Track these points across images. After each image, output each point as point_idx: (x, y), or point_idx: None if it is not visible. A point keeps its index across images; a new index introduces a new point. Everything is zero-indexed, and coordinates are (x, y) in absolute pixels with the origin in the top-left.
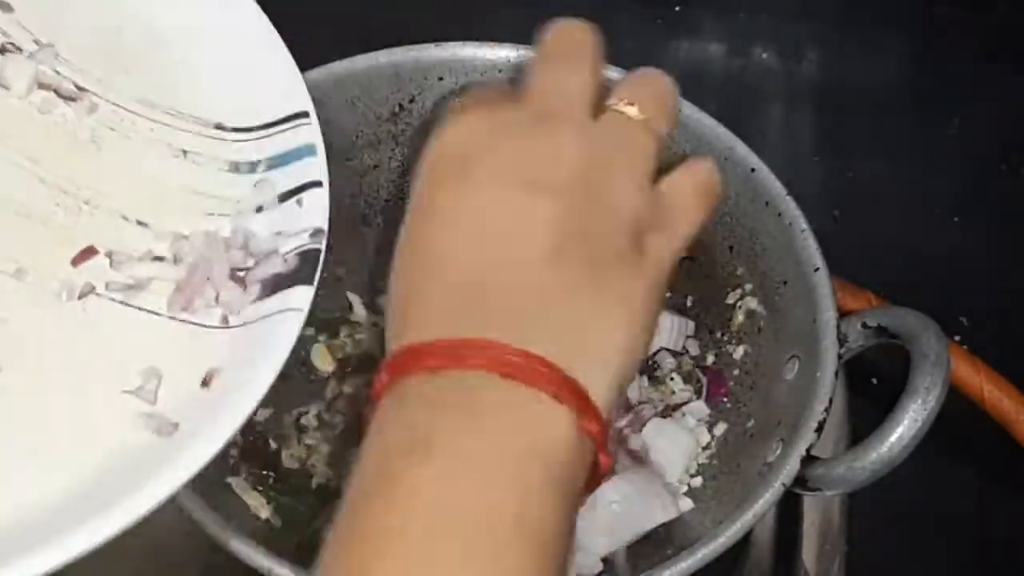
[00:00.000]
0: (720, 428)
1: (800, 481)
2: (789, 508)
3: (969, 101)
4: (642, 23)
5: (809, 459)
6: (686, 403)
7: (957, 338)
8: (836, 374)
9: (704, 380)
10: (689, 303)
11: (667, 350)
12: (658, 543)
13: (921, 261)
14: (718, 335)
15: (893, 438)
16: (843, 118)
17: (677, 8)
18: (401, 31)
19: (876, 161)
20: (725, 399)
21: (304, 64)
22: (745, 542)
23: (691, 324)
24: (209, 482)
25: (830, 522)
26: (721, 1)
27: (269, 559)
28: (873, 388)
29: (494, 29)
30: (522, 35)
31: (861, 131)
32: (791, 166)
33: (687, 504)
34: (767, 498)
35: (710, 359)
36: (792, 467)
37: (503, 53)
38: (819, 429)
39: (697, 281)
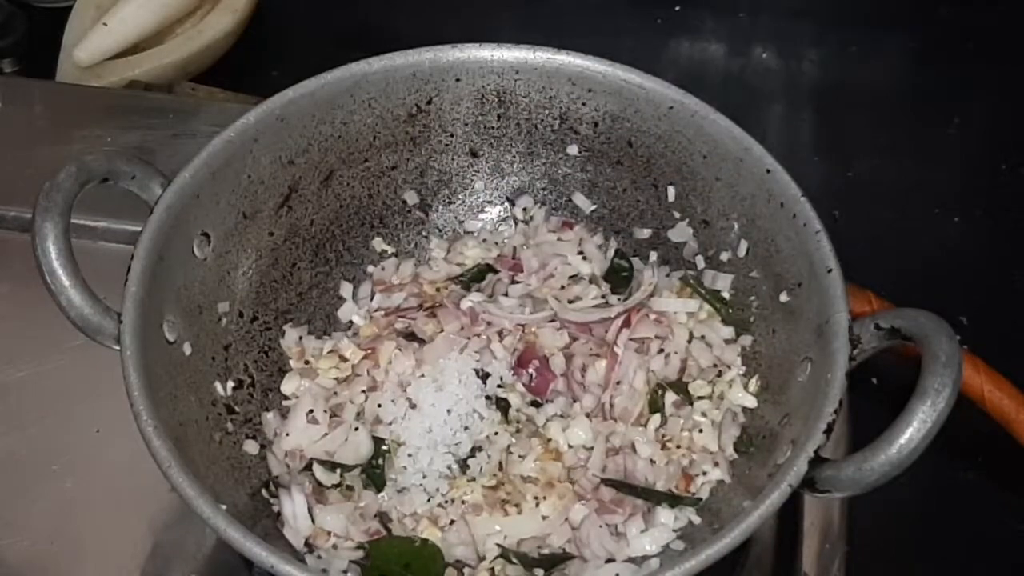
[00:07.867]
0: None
1: (809, 483)
2: (789, 508)
3: (969, 101)
4: (642, 23)
5: (818, 461)
6: None
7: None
8: (847, 376)
9: None
10: None
11: None
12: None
13: (921, 261)
14: None
15: (903, 440)
16: (843, 118)
17: (677, 8)
18: (400, 31)
19: (876, 161)
20: None
21: (312, 68)
22: (746, 542)
23: None
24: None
25: (830, 522)
26: (721, 1)
27: (272, 556)
28: (873, 388)
29: (493, 30)
30: (521, 36)
31: (861, 131)
32: (791, 166)
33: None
34: (773, 499)
35: None
36: (800, 469)
37: (520, 55)
38: (828, 431)
39: None
